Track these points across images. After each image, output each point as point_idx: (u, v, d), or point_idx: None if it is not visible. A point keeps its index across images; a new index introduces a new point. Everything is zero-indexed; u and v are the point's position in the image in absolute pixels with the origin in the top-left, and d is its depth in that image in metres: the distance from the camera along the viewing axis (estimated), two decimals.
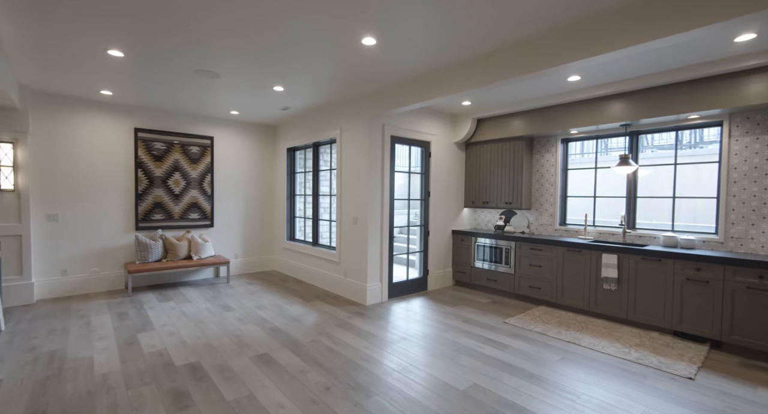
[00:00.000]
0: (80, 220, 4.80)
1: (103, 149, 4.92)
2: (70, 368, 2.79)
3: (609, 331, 3.72)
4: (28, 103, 4.32)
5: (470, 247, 5.42)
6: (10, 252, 4.26)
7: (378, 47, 3.07)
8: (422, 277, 5.27)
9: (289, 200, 6.36)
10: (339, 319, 3.98)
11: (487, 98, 4.59)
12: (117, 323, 3.76)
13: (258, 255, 6.44)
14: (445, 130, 5.47)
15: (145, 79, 3.93)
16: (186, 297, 4.76)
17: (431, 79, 3.71)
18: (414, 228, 5.33)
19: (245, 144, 6.19)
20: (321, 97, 4.64)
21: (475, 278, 5.36)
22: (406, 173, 5.08)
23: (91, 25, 2.69)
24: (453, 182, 5.62)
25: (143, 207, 5.25)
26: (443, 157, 5.45)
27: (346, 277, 4.93)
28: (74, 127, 4.71)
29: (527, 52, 2.95)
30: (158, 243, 5.18)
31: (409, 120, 4.93)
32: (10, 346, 3.17)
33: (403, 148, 5.11)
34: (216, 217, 5.93)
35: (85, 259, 4.86)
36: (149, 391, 2.48)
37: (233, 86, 4.16)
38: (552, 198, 5.09)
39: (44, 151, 4.53)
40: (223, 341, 3.34)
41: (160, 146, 5.36)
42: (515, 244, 4.89)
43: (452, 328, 3.77)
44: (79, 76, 3.86)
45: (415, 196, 5.26)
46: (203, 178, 5.77)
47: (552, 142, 5.09)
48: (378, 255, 4.67)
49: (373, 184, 4.57)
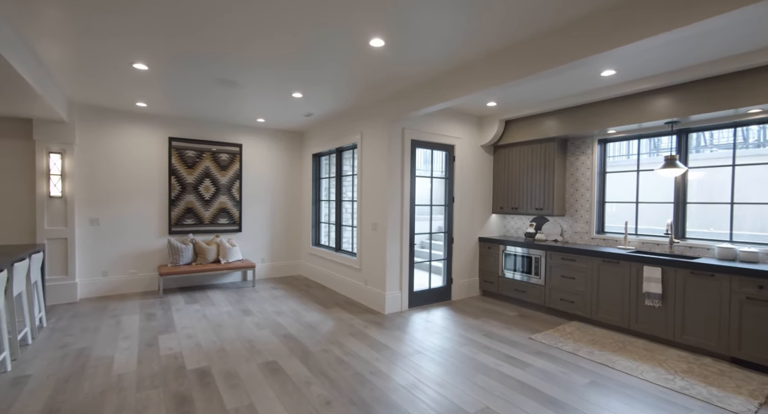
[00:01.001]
0: (119, 224, 5.11)
1: (140, 158, 5.22)
2: (91, 367, 2.92)
3: (651, 354, 3.32)
4: (74, 116, 4.69)
5: (497, 255, 5.13)
6: (57, 253, 4.62)
7: (390, 49, 2.97)
8: (446, 286, 5.05)
9: (315, 206, 6.40)
10: (354, 328, 3.88)
11: (514, 98, 4.33)
12: (143, 324, 3.93)
13: (284, 260, 6.53)
14: (471, 132, 5.24)
15: (172, 90, 4.11)
16: (211, 300, 4.90)
17: (448, 80, 3.55)
18: (437, 235, 5.14)
19: (273, 151, 6.33)
20: (341, 102, 4.62)
21: (502, 289, 5.06)
22: (428, 178, 4.91)
23: (116, 41, 2.84)
24: (479, 187, 5.36)
25: (176, 212, 5.50)
26: (468, 161, 5.22)
27: (367, 284, 4.84)
28: (114, 138, 5.04)
29: (552, 44, 2.72)
30: (189, 247, 5.40)
31: (430, 123, 4.77)
32: (47, 343, 3.39)
33: (425, 153, 4.96)
34: (244, 222, 6.09)
35: (124, 260, 5.17)
36: (156, 395, 2.52)
37: (253, 94, 4.24)
38: (588, 204, 4.69)
39: (88, 160, 4.89)
40: (236, 346, 3.36)
41: (191, 154, 5.61)
42: (545, 253, 4.55)
43: (471, 342, 3.54)
44: (114, 90, 4.12)
45: (438, 202, 5.07)
46: (232, 185, 5.96)
47: (588, 143, 4.71)
48: (397, 262, 4.53)
49: (392, 190, 4.46)
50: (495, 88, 3.14)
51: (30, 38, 2.82)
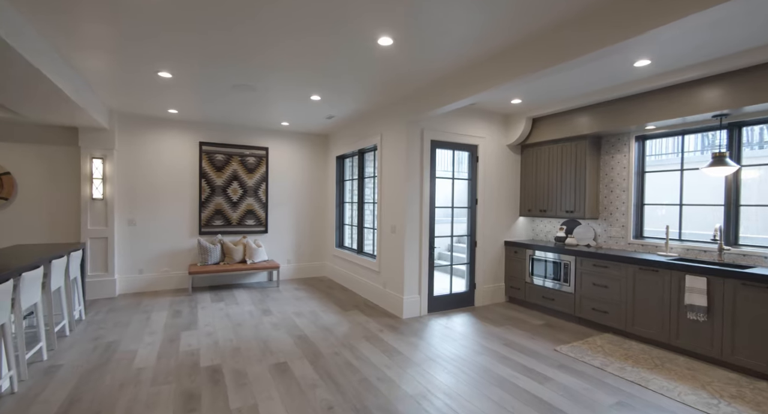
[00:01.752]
0: (154, 224, 5.41)
1: (173, 162, 5.51)
2: (116, 360, 3.08)
3: (693, 374, 2.97)
4: (114, 124, 5.03)
5: (524, 260, 4.87)
6: (99, 252, 4.96)
7: (402, 47, 2.90)
8: (468, 291, 4.86)
9: (338, 208, 6.43)
10: (369, 332, 3.83)
11: (542, 94, 4.09)
12: (170, 320, 4.11)
13: (310, 261, 6.61)
14: (496, 131, 5.03)
15: (198, 97, 4.29)
16: (236, 299, 5.05)
17: (466, 76, 3.41)
18: (459, 238, 4.97)
19: (298, 153, 6.44)
20: (359, 104, 4.60)
21: (529, 295, 4.79)
22: (449, 179, 4.76)
23: (142, 53, 2.99)
24: (505, 189, 5.13)
25: (205, 213, 5.74)
26: (493, 162, 5.01)
27: (385, 287, 4.77)
28: (149, 143, 5.35)
29: (576, 31, 2.52)
30: (217, 247, 5.60)
31: (452, 123, 4.63)
32: (82, 335, 3.63)
33: (446, 153, 4.82)
34: (270, 224, 6.24)
35: (158, 259, 5.46)
36: (167, 391, 2.60)
37: (273, 98, 4.33)
38: (624, 206, 4.34)
39: (126, 164, 5.22)
40: (251, 345, 3.42)
41: (220, 157, 5.83)
42: (575, 259, 4.25)
43: (489, 351, 3.36)
44: (147, 98, 4.36)
45: (460, 204, 4.91)
46: (259, 187, 6.13)
47: (624, 141, 4.35)
48: (416, 266, 4.43)
49: (410, 191, 4.36)
50: (516, 81, 2.95)
51: (69, 55, 3.04)
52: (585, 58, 2.48)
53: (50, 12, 2.40)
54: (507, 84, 3.01)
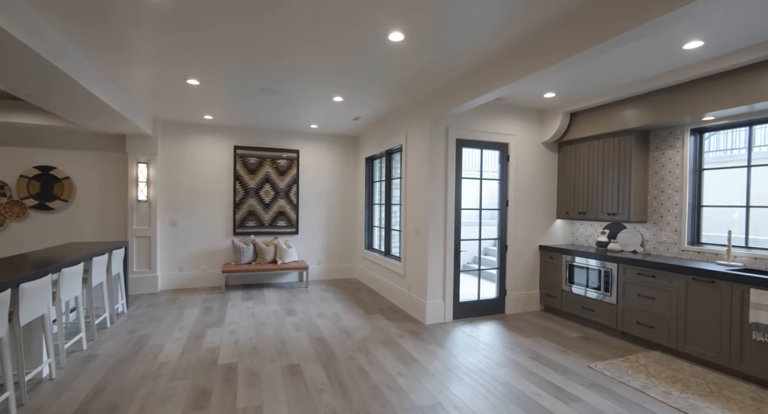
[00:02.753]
0: (193, 225, 5.72)
1: (210, 165, 5.79)
2: (144, 353, 3.26)
3: (758, 406, 2.54)
4: (157, 131, 5.38)
5: (560, 266, 4.51)
6: (143, 250, 5.33)
7: (416, 42, 2.78)
8: (498, 298, 4.59)
9: (368, 209, 6.40)
10: (388, 337, 3.72)
11: (578, 85, 3.77)
12: (200, 317, 4.29)
13: (340, 262, 6.64)
14: (529, 128, 4.72)
15: (228, 102, 4.46)
16: (265, 298, 5.18)
17: (489, 69, 3.21)
18: (488, 241, 4.71)
19: (328, 155, 6.51)
20: (382, 104, 4.52)
21: (566, 305, 4.42)
22: (477, 180, 4.54)
23: (172, 63, 3.15)
24: (540, 189, 4.79)
25: (239, 215, 5.97)
26: (526, 160, 4.70)
27: (410, 291, 4.64)
28: (188, 148, 5.67)
29: (611, 8, 2.27)
30: (249, 247, 5.80)
31: (479, 120, 4.41)
32: (121, 328, 3.89)
33: (473, 153, 4.60)
34: (300, 225, 6.35)
35: (196, 258, 5.76)
36: (183, 386, 2.68)
37: (297, 102, 4.38)
38: (677, 208, 3.86)
39: (168, 168, 5.57)
40: (269, 345, 3.46)
41: (253, 160, 6.04)
42: (617, 266, 3.84)
43: (514, 364, 3.12)
44: (183, 106, 4.61)
45: (489, 206, 4.65)
46: (290, 189, 6.27)
47: (676, 135, 3.88)
48: (440, 270, 4.25)
49: (434, 192, 4.21)
50: (545, 71, 2.68)
51: (110, 72, 3.27)
52: (624, 37, 2.16)
53: (93, 36, 2.58)
54: (533, 75, 2.77)
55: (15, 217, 4.96)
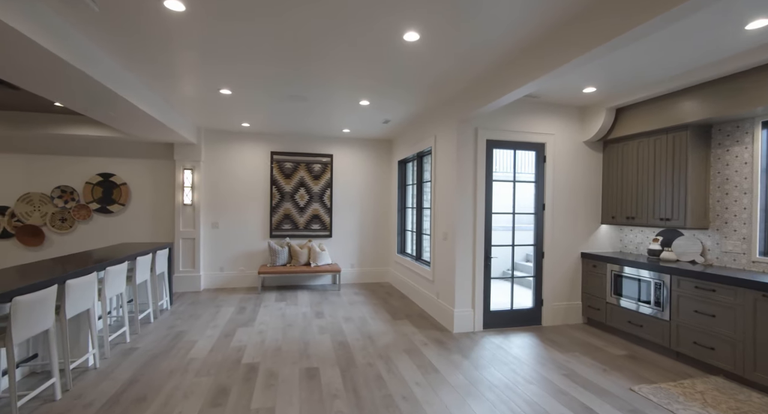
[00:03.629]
0: (233, 227, 6.02)
1: (249, 170, 6.06)
2: (177, 348, 3.45)
3: None
4: (201, 139, 5.75)
5: (604, 276, 4.12)
6: (188, 250, 5.70)
7: (434, 40, 2.70)
8: (534, 308, 4.30)
9: (400, 213, 6.33)
10: (412, 344, 3.62)
11: (623, 77, 3.44)
12: (234, 316, 4.47)
13: (373, 266, 6.63)
14: (568, 127, 4.39)
15: (260, 109, 4.64)
16: (297, 300, 5.29)
17: (516, 64, 3.03)
18: (522, 247, 4.44)
19: (361, 159, 6.54)
20: (409, 106, 4.45)
21: (611, 318, 4.03)
22: (510, 182, 4.30)
23: (206, 74, 3.34)
24: (582, 192, 4.43)
25: (276, 218, 6.18)
26: (565, 161, 4.38)
27: (438, 297, 4.50)
28: (229, 154, 5.98)
29: None
30: (284, 249, 5.98)
31: (511, 120, 4.18)
32: (162, 323, 4.17)
33: (505, 154, 4.36)
34: (334, 228, 6.44)
35: (236, 259, 6.04)
36: (206, 383, 2.79)
37: (325, 107, 4.45)
38: (746, 213, 3.37)
39: (210, 174, 5.91)
40: (292, 347, 3.51)
41: (289, 165, 6.23)
42: (670, 278, 3.43)
43: (545, 382, 2.88)
44: (221, 114, 4.88)
45: (523, 210, 4.39)
46: (324, 193, 6.38)
47: (744, 129, 3.40)
48: (469, 276, 4.07)
49: (462, 195, 4.05)
50: (581, 60, 2.44)
51: (154, 86, 3.55)
52: (674, 13, 1.93)
53: (137, 56, 2.81)
54: (568, 65, 2.52)
55: (81, 220, 5.53)
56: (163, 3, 2.21)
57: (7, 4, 1.99)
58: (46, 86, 2.95)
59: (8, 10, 1.99)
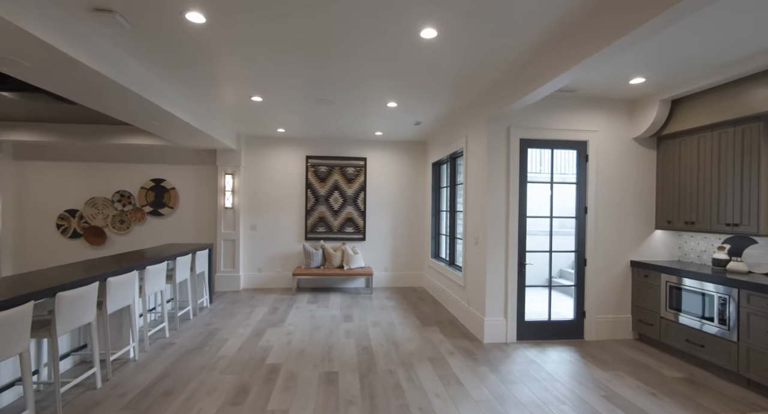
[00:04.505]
0: (270, 229, 6.23)
1: (285, 174, 6.25)
2: (209, 345, 3.60)
3: None
4: (241, 145, 6.03)
5: (658, 287, 3.69)
6: (229, 251, 5.98)
7: (451, 37, 2.58)
8: (575, 320, 3.96)
9: (434, 216, 6.18)
10: (437, 353, 3.48)
11: (676, 64, 3.06)
12: (266, 316, 4.60)
13: (406, 270, 6.53)
14: (614, 122, 4.01)
15: (292, 114, 4.76)
16: (328, 302, 5.34)
17: (548, 54, 2.81)
18: (561, 254, 4.12)
19: (395, 162, 6.49)
20: (438, 106, 4.33)
21: (667, 336, 3.59)
22: (547, 184, 4.00)
23: (239, 84, 3.49)
24: (631, 193, 4.02)
25: (310, 221, 6.31)
26: (611, 160, 4.00)
27: (469, 305, 4.30)
28: (266, 159, 6.21)
29: None
30: (319, 252, 6.07)
31: (548, 117, 3.90)
32: (200, 320, 4.39)
33: (541, 154, 4.08)
34: (368, 232, 6.43)
35: (273, 260, 6.25)
36: (229, 381, 2.87)
37: (353, 110, 4.45)
38: None
39: (249, 178, 6.18)
40: (316, 350, 3.52)
41: (323, 169, 6.34)
42: (738, 292, 2.98)
43: (579, 403, 2.61)
44: (257, 121, 5.08)
45: (562, 213, 4.07)
46: (357, 196, 6.41)
47: None
48: (501, 284, 3.84)
49: (493, 198, 3.84)
50: (622, 43, 2.20)
51: (193, 97, 3.78)
52: None
53: (171, 67, 3.01)
54: (607, 49, 2.25)
55: (137, 221, 6.03)
56: (185, 15, 2.32)
57: (53, 28, 2.19)
58: (95, 100, 3.24)
59: (54, 33, 2.19)
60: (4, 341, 2.01)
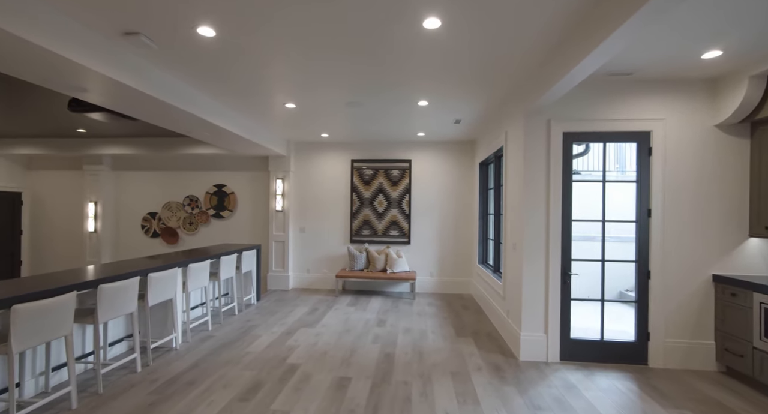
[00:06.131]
0: (317, 232, 6.43)
1: (331, 178, 6.41)
2: (241, 341, 3.80)
3: None
4: (291, 151, 6.34)
5: (750, 309, 2.96)
6: (279, 252, 6.31)
7: (457, 29, 2.38)
8: (637, 342, 3.36)
9: (482, 219, 5.81)
10: (463, 367, 3.21)
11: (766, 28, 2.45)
12: (303, 316, 4.73)
13: (454, 276, 6.23)
14: (687, 107, 3.35)
15: (331, 118, 4.86)
16: (367, 305, 5.31)
17: (584, 22, 2.45)
18: (617, 264, 3.55)
19: (440, 163, 6.26)
20: (475, 102, 4.04)
21: (762, 372, 2.85)
22: (598, 183, 3.48)
23: (273, 92, 3.68)
24: (714, 192, 3.31)
25: (355, 224, 6.37)
26: (685, 152, 3.34)
27: (508, 316, 3.92)
28: (314, 163, 6.44)
29: None
30: (362, 255, 6.09)
31: (597, 105, 3.40)
32: (243, 316, 4.68)
33: (593, 148, 3.56)
34: (412, 235, 6.29)
35: (320, 262, 6.44)
36: (247, 376, 2.98)
37: (384, 111, 4.38)
38: None
39: (298, 182, 6.46)
40: (337, 353, 3.49)
41: (368, 172, 6.36)
42: None
43: None
44: (300, 127, 5.29)
45: (618, 217, 3.50)
46: (402, 199, 6.31)
47: None
48: (541, 295, 3.42)
49: (531, 199, 3.45)
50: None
51: (239, 107, 4.08)
52: None
53: (205, 79, 3.28)
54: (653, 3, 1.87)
55: (203, 223, 6.69)
56: (196, 30, 2.48)
57: (96, 56, 2.50)
58: (149, 115, 3.65)
59: (98, 61, 2.51)
60: (49, 325, 2.32)
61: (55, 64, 2.40)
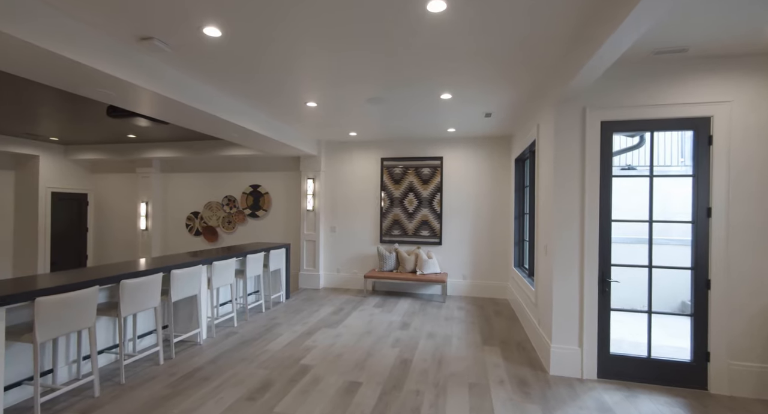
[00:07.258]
0: (348, 231, 6.41)
1: (361, 177, 6.35)
2: (262, 338, 3.83)
3: None
4: (321, 151, 6.38)
5: None
6: (310, 251, 6.38)
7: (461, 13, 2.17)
8: (694, 362, 2.89)
9: (518, 220, 5.42)
10: (483, 379, 2.97)
11: None
12: (327, 316, 4.70)
13: (488, 279, 5.90)
14: (758, 87, 2.82)
15: (352, 117, 4.79)
16: (394, 307, 5.17)
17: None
18: (665, 271, 3.09)
19: (474, 160, 5.95)
20: (504, 93, 3.74)
21: None
22: (645, 177, 3.04)
23: (294, 93, 3.70)
24: None
25: (385, 224, 6.25)
26: (756, 141, 2.82)
27: (539, 325, 3.58)
28: (344, 162, 6.42)
29: None
30: (392, 255, 5.96)
31: (642, 88, 2.98)
32: (269, 314, 4.75)
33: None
34: (444, 236, 6.04)
35: (350, 261, 6.41)
36: (259, 375, 2.98)
37: (407, 107, 4.21)
38: None
39: (329, 181, 6.48)
40: (353, 356, 3.39)
41: (398, 171, 6.22)
42: None
43: None
44: (327, 126, 5.28)
45: (668, 217, 3.04)
46: (433, 198, 6.09)
47: None
48: (575, 303, 3.07)
49: (563, 197, 3.11)
50: None
51: (269, 111, 4.16)
52: None
53: (224, 81, 3.36)
54: None
55: (240, 222, 6.96)
56: (203, 31, 2.51)
57: (117, 62, 2.63)
58: (176, 119, 3.81)
59: (117, 65, 2.63)
60: (71, 317, 2.46)
61: (85, 73, 2.56)
